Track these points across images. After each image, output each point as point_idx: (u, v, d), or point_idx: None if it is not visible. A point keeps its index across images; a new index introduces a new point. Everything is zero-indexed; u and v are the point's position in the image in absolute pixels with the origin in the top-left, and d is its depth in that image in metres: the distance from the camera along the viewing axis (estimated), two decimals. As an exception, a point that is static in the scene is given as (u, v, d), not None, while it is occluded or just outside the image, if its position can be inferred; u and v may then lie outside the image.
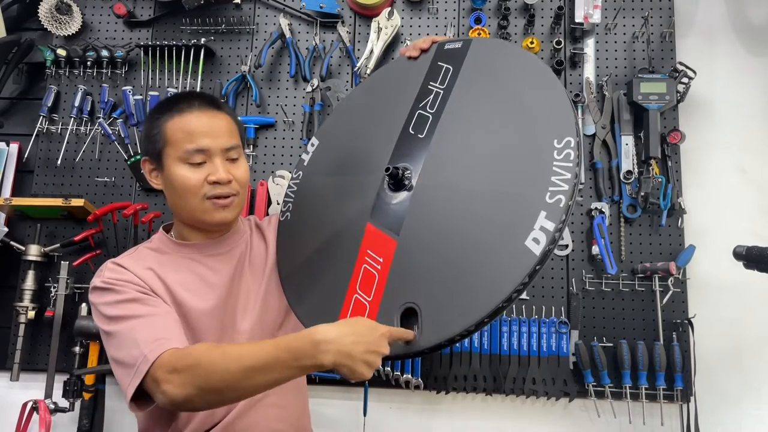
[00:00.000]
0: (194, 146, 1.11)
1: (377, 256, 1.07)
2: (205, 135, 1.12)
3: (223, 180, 1.12)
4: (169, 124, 1.13)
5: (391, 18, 1.91)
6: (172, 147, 1.12)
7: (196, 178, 1.11)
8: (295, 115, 1.95)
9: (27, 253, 1.85)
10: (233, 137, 1.17)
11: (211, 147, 1.12)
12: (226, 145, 1.14)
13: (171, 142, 1.12)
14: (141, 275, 1.10)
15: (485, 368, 1.75)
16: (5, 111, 2.04)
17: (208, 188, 1.12)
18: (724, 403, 1.74)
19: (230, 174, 1.13)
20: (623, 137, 1.83)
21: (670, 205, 1.77)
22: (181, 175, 1.12)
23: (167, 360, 0.94)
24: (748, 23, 1.97)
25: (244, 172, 1.18)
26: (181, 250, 1.19)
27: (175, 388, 0.91)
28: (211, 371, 0.91)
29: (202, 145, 1.11)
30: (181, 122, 1.12)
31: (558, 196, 0.93)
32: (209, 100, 1.18)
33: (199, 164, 1.12)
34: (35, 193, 1.95)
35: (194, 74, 1.98)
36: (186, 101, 1.16)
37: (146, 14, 2.05)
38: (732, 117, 1.90)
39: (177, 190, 1.13)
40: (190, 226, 1.20)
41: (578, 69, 1.92)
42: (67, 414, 1.75)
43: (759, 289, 1.75)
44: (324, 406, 1.77)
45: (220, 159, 1.13)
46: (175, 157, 1.12)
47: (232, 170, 1.14)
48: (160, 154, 1.14)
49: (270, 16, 2.02)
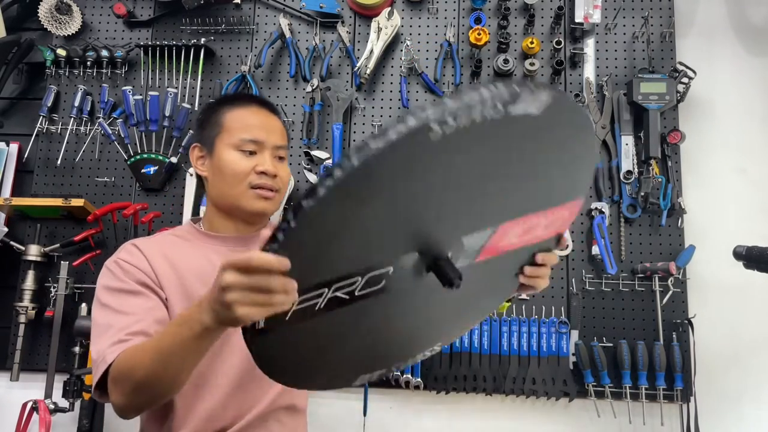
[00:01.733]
0: (250, 136, 1.18)
1: None
2: (260, 128, 1.20)
3: (270, 172, 1.18)
4: (229, 113, 1.21)
5: (391, 18, 1.91)
6: (228, 134, 1.19)
7: (246, 164, 1.17)
8: (295, 115, 1.95)
9: (27, 253, 1.85)
10: (284, 139, 1.25)
11: (264, 140, 1.19)
12: (277, 143, 1.21)
13: (227, 129, 1.20)
14: (153, 262, 1.12)
15: (485, 368, 1.75)
16: (5, 111, 2.04)
17: (254, 177, 1.17)
18: (724, 403, 1.74)
19: (277, 169, 1.20)
20: (623, 137, 1.83)
21: (670, 205, 1.77)
22: (232, 161, 1.18)
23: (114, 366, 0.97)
24: (748, 23, 1.97)
25: (287, 174, 1.25)
26: (206, 240, 1.22)
27: (115, 398, 0.97)
28: (132, 371, 0.94)
29: (257, 137, 1.19)
30: (240, 113, 1.21)
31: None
32: (268, 103, 1.28)
33: (251, 154, 1.18)
34: (35, 193, 1.95)
35: (194, 74, 1.98)
36: (247, 98, 1.28)
37: (146, 14, 2.05)
38: (732, 117, 1.90)
39: (225, 174, 1.18)
40: (226, 214, 1.22)
41: (578, 69, 1.92)
42: (67, 414, 1.75)
43: (759, 289, 1.75)
44: (324, 406, 1.77)
45: (269, 153, 1.20)
46: (228, 143, 1.19)
47: (278, 168, 1.21)
48: (214, 141, 1.20)
49: (270, 16, 2.02)
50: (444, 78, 1.93)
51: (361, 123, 1.94)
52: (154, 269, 1.12)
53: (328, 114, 1.93)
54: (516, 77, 1.91)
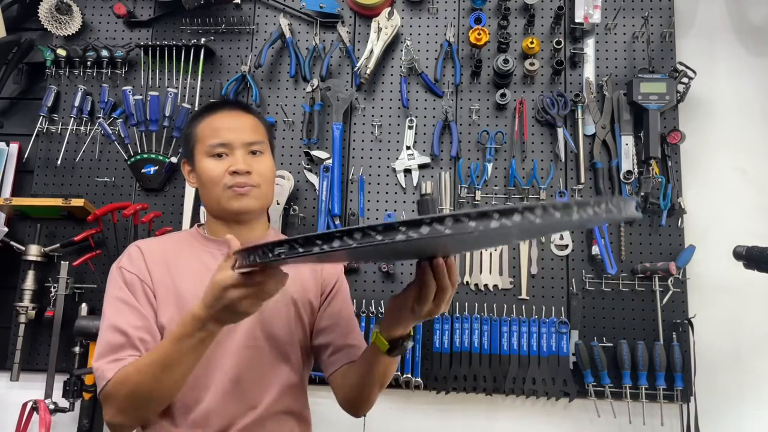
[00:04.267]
0: (217, 140, 1.21)
1: None
2: (228, 130, 1.22)
3: (241, 170, 1.19)
4: (200, 124, 1.25)
5: (391, 18, 1.91)
6: (201, 143, 1.23)
7: (219, 168, 1.20)
8: (295, 115, 1.95)
9: (27, 253, 1.85)
10: (256, 134, 1.25)
11: (232, 141, 1.21)
12: (247, 140, 1.22)
13: (200, 139, 1.23)
14: (151, 267, 1.18)
15: (485, 368, 1.74)
16: (5, 111, 2.04)
17: (228, 178, 1.19)
18: (724, 403, 1.74)
19: (250, 166, 1.20)
20: (623, 137, 1.83)
21: (670, 205, 1.77)
22: (207, 167, 1.21)
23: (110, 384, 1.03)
24: (748, 23, 1.97)
25: (266, 167, 1.24)
26: (207, 244, 1.25)
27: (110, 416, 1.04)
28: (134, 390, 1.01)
29: (224, 139, 1.21)
30: (208, 121, 1.24)
31: None
32: (237, 103, 1.30)
33: (222, 156, 1.21)
34: (35, 193, 1.95)
35: (194, 74, 1.98)
36: (217, 105, 1.30)
37: (146, 14, 2.05)
38: (732, 117, 1.90)
39: (204, 181, 1.22)
40: (219, 219, 1.26)
41: (578, 69, 1.92)
42: (67, 414, 1.75)
43: (759, 289, 1.75)
44: (324, 406, 1.76)
45: (241, 152, 1.21)
46: (202, 152, 1.22)
47: (254, 163, 1.21)
48: (193, 153, 1.25)
49: (270, 16, 2.02)
50: (444, 78, 1.93)
51: (361, 123, 1.94)
52: (151, 275, 1.17)
53: (328, 114, 1.93)
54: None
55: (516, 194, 1.85)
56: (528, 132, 1.88)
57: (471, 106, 1.90)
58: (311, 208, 1.89)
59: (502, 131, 1.87)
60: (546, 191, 1.83)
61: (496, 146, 1.87)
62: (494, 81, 1.91)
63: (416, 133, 1.91)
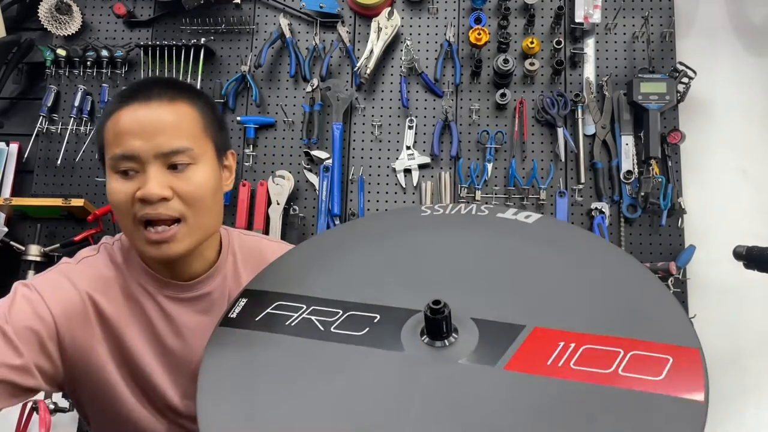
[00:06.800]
0: (121, 150, 0.82)
1: None
2: (136, 135, 0.81)
3: (151, 197, 0.80)
4: (107, 123, 0.85)
5: (391, 18, 1.91)
6: (107, 152, 0.85)
7: (124, 192, 0.82)
8: (295, 115, 1.95)
9: (27, 253, 1.84)
10: (179, 136, 0.83)
11: (140, 151, 0.81)
12: (163, 149, 0.81)
13: (106, 145, 0.85)
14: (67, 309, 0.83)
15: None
16: (5, 111, 2.04)
17: (137, 206, 0.81)
18: (724, 403, 1.74)
19: (169, 188, 0.81)
20: (623, 137, 1.83)
21: (670, 205, 1.77)
22: (112, 189, 0.83)
23: None
24: (748, 23, 1.96)
25: (197, 184, 0.83)
26: (138, 278, 0.90)
27: None
28: None
29: (130, 149, 0.81)
30: (114, 120, 0.83)
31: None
32: (155, 89, 0.85)
33: (129, 174, 0.82)
34: (35, 193, 1.95)
35: (194, 74, 1.97)
36: (125, 95, 0.85)
37: (146, 14, 2.05)
38: (732, 117, 1.90)
39: (113, 209, 0.86)
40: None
41: (578, 69, 1.91)
42: (67, 414, 1.75)
43: (759, 289, 1.75)
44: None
45: (155, 167, 0.81)
46: (108, 166, 0.84)
47: (175, 183, 0.82)
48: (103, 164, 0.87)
49: (270, 16, 2.02)
50: (444, 78, 1.93)
51: (361, 123, 1.94)
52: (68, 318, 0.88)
53: (328, 114, 1.93)
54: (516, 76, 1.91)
55: (516, 194, 1.85)
56: (528, 132, 1.88)
57: (471, 106, 1.90)
58: (311, 208, 1.89)
59: (502, 131, 1.87)
60: (546, 191, 1.83)
61: (496, 146, 1.87)
62: (494, 81, 1.91)
63: (416, 133, 1.91)
